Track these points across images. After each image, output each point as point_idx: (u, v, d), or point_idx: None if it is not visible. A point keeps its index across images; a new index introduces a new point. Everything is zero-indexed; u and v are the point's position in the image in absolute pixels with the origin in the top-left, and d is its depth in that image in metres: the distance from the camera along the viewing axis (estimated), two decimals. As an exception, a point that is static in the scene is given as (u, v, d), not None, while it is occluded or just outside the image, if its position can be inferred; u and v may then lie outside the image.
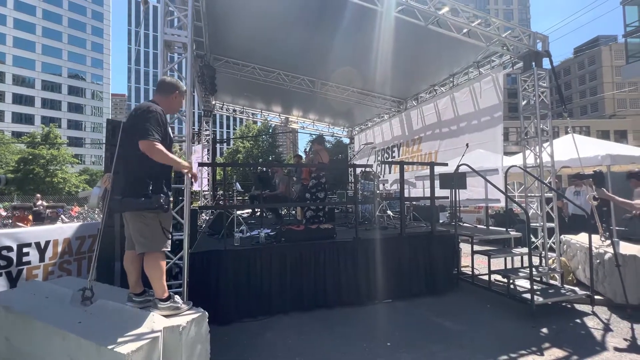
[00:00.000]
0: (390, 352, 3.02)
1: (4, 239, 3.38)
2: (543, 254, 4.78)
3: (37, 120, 48.40)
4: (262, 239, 4.23)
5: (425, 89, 8.05)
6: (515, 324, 3.61)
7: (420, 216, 6.42)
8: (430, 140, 7.68)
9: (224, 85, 7.66)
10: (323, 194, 5.50)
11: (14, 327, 2.27)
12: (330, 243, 4.27)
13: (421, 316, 3.86)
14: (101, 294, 2.47)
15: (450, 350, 3.05)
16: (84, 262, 4.19)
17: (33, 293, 2.60)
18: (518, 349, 3.04)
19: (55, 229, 4.26)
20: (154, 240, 2.24)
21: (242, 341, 3.21)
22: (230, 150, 41.75)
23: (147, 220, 2.23)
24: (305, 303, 3.98)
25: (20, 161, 31.79)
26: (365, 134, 11.14)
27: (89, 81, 56.35)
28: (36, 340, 2.12)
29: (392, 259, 4.40)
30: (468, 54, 6.20)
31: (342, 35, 5.60)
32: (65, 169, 35.07)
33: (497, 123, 5.87)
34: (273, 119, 11.26)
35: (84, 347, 1.87)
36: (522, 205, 4.39)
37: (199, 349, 2.19)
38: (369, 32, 5.30)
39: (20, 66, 48.82)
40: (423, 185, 6.88)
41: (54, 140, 34.90)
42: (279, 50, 6.53)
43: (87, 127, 55.59)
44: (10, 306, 2.33)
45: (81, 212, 17.56)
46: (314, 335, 3.36)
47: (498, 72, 5.85)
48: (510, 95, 38.85)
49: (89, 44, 56.80)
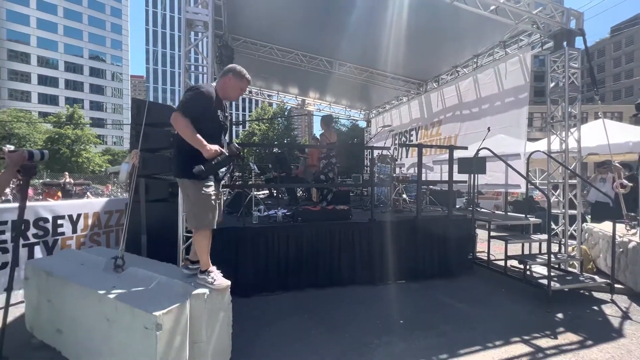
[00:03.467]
0: (402, 328, 3.10)
1: (41, 211, 3.62)
2: (563, 242, 4.69)
3: (61, 101, 50.01)
4: (280, 218, 4.34)
5: (446, 71, 7.78)
6: (529, 308, 3.61)
7: (436, 201, 6.38)
8: (451, 123, 7.48)
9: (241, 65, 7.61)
10: (332, 174, 5.53)
11: (55, 290, 2.47)
12: (346, 224, 4.34)
13: (434, 297, 3.92)
14: (131, 262, 2.64)
15: (462, 330, 3.10)
16: (111, 235, 4.45)
17: (69, 260, 2.80)
18: (531, 332, 3.06)
19: (85, 204, 4.52)
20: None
21: (260, 313, 3.37)
22: (246, 133, 42.06)
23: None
24: (320, 281, 4.10)
25: (48, 140, 33.17)
26: (383, 117, 10.96)
27: (109, 62, 57.33)
28: (75, 302, 2.31)
29: (406, 241, 4.44)
30: (494, 33, 5.91)
31: (361, 14, 5.44)
32: (89, 149, 36.41)
33: (522, 104, 5.63)
34: (289, 101, 11.21)
35: (119, 309, 2.02)
36: (543, 190, 4.29)
37: (222, 316, 2.32)
38: (390, 10, 5.13)
39: (44, 47, 50.05)
40: (441, 170, 6.78)
41: (78, 120, 36.11)
42: (297, 30, 6.43)
43: (108, 108, 57.05)
44: (51, 271, 2.53)
45: (113, 190, 18.55)
46: (329, 310, 3.48)
47: (526, 52, 5.57)
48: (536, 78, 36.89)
49: (108, 24, 57.38)
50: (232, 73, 2.39)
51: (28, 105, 45.18)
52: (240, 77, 2.40)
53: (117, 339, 2.04)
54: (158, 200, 3.88)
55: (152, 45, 78.15)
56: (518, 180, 5.49)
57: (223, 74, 2.42)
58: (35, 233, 3.60)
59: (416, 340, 2.88)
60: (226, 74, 2.40)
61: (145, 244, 3.63)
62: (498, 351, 2.74)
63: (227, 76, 2.40)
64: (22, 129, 32.47)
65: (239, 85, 2.42)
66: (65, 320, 2.39)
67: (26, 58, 48.59)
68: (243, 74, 2.41)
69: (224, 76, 2.40)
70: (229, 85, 2.40)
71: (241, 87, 2.44)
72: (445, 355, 2.67)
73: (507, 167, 5.07)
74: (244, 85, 2.45)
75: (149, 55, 78.54)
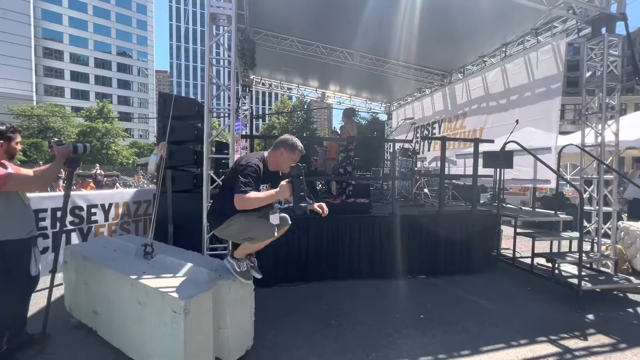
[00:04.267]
0: (422, 323, 3.08)
1: (77, 200, 3.84)
2: (595, 240, 4.46)
3: (91, 96, 52.38)
4: (300, 210, 4.38)
5: (472, 61, 7.49)
6: (556, 308, 3.48)
7: (459, 195, 6.21)
8: (476, 115, 7.23)
9: (262, 59, 7.69)
10: (351, 167, 5.51)
11: (91, 274, 2.63)
12: (366, 217, 4.32)
13: (456, 293, 3.85)
14: (159, 250, 2.76)
15: (484, 327, 3.04)
16: (140, 224, 4.66)
17: (103, 246, 2.96)
18: (558, 332, 2.95)
19: (116, 194, 4.74)
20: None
21: (281, 302, 3.44)
22: (266, 126, 42.50)
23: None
24: (339, 273, 4.13)
25: (80, 134, 34.94)
26: (404, 110, 10.74)
27: (135, 58, 59.31)
28: (109, 285, 2.45)
29: (428, 236, 4.37)
30: (525, 20, 5.61)
31: (383, 3, 5.31)
32: (117, 142, 38.06)
33: (554, 95, 5.33)
34: (310, 94, 11.19)
35: (149, 293, 2.13)
36: (576, 186, 4.08)
37: (245, 304, 2.40)
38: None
39: (75, 45, 52.42)
40: (464, 164, 6.60)
41: (107, 114, 37.77)
42: (317, 21, 6.37)
43: (134, 103, 59.24)
44: (87, 256, 2.69)
45: (143, 181, 19.57)
46: (348, 303, 3.50)
47: (560, 40, 5.25)
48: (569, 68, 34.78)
49: (134, 21, 59.20)
50: (283, 147, 2.33)
51: (62, 100, 47.63)
52: (292, 150, 2.34)
53: (147, 321, 2.15)
54: (184, 191, 4.01)
55: (176, 41, 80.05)
56: (547, 175, 5.25)
57: (275, 147, 2.37)
58: (72, 220, 3.83)
59: (437, 335, 2.85)
60: (278, 148, 2.35)
61: (171, 233, 3.78)
62: (523, 350, 2.67)
63: (278, 150, 2.34)
64: (57, 123, 34.39)
65: (292, 157, 2.34)
66: (101, 301, 2.54)
67: (60, 55, 51.14)
68: (295, 146, 2.35)
69: (276, 150, 2.35)
70: (282, 160, 2.35)
71: (293, 159, 2.36)
72: (467, 351, 2.63)
73: (535, 161, 4.86)
74: (296, 157, 2.37)
75: (173, 50, 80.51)
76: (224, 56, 3.77)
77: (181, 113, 3.88)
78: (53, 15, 50.11)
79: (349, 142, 5.52)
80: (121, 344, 2.40)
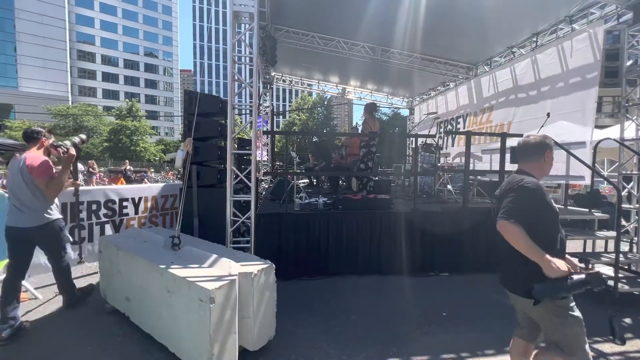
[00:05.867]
0: (445, 321, 3.03)
1: (110, 193, 4.06)
2: (635, 240, 4.19)
3: (121, 95, 54.87)
4: (321, 205, 4.41)
5: (500, 52, 7.18)
6: (590, 310, 3.26)
7: (484, 192, 6.01)
8: (503, 108, 6.92)
9: (283, 56, 7.74)
10: (372, 163, 5.45)
11: (124, 263, 2.78)
12: (387, 213, 4.28)
13: (480, 292, 3.74)
14: (186, 242, 2.87)
15: (510, 326, 2.89)
16: (167, 217, 4.85)
17: (134, 237, 3.12)
18: (592, 335, 2.80)
19: (145, 188, 4.96)
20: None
21: (302, 295, 3.49)
22: (287, 123, 42.83)
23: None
24: (359, 268, 4.13)
25: (111, 132, 36.75)
26: (427, 104, 10.48)
27: (160, 58, 61.43)
28: (141, 274, 2.58)
29: (451, 233, 4.27)
30: (559, 7, 5.30)
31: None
32: (145, 139, 39.69)
33: (590, 85, 4.99)
34: (330, 90, 11.16)
35: (177, 281, 2.23)
36: (613, 182, 3.83)
37: (267, 295, 2.45)
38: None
39: (106, 47, 55.01)
40: (490, 160, 6.36)
41: (136, 113, 39.45)
42: (338, 16, 6.32)
43: (160, 101, 61.47)
44: (120, 246, 2.85)
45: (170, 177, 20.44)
46: (368, 297, 3.50)
47: (597, 27, 4.91)
48: (607, 58, 32.45)
49: (160, 22, 61.23)
50: (549, 149, 1.85)
51: (94, 100, 50.22)
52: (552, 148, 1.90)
53: (176, 308, 2.25)
54: (208, 186, 4.13)
55: (199, 40, 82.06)
56: (581, 171, 4.96)
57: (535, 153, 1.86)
58: (105, 213, 4.05)
59: (460, 334, 2.80)
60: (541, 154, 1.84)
61: (197, 226, 3.92)
62: (552, 352, 2.56)
63: (545, 154, 1.85)
64: (90, 122, 36.35)
65: (552, 156, 1.89)
66: (133, 289, 2.69)
67: (92, 57, 53.86)
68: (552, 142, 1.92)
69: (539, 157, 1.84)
70: (548, 164, 1.87)
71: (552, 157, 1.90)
72: (491, 350, 2.56)
73: (568, 156, 4.60)
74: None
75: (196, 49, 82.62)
76: (246, 53, 3.83)
77: (206, 110, 3.99)
78: (86, 19, 52.81)
79: (370, 137, 5.47)
80: (151, 330, 2.53)
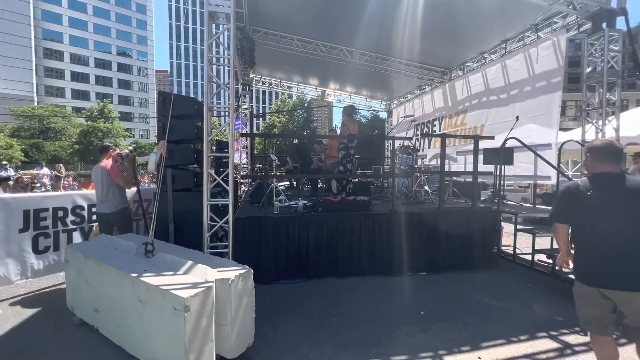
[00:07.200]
0: (424, 320, 3.09)
1: (78, 199, 3.85)
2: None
3: (92, 96, 52.36)
4: (300, 208, 4.39)
5: (472, 57, 7.47)
6: (557, 304, 3.47)
7: (460, 193, 6.21)
8: (477, 110, 7.20)
9: (262, 57, 7.67)
10: (351, 165, 5.49)
11: (92, 272, 2.64)
12: (366, 215, 4.32)
13: (457, 290, 3.85)
14: (160, 248, 2.77)
15: (486, 323, 3.05)
16: (141, 223, 4.66)
17: (104, 245, 2.98)
18: (559, 327, 2.96)
19: (117, 193, 4.73)
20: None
21: (282, 299, 3.46)
22: (267, 125, 42.48)
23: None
24: (340, 270, 4.14)
25: (82, 134, 34.99)
26: (405, 107, 10.72)
27: (135, 58, 59.25)
28: (110, 284, 2.46)
29: (428, 233, 4.37)
30: (525, 16, 5.60)
31: (384, 1, 5.31)
32: (118, 142, 38.10)
33: (554, 89, 5.29)
34: (310, 92, 11.18)
35: (150, 291, 2.14)
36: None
37: (246, 300, 2.41)
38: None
39: (75, 45, 52.43)
40: (465, 161, 6.59)
41: (108, 114, 37.81)
42: (317, 19, 6.36)
43: (135, 102, 59.26)
44: (88, 254, 2.71)
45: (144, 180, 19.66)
46: (349, 299, 3.51)
47: (560, 35, 5.22)
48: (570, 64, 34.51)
49: (134, 21, 59.10)
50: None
51: (62, 100, 47.64)
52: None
53: (149, 318, 2.16)
54: (184, 190, 4.01)
55: (176, 40, 79.93)
56: (548, 171, 5.24)
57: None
58: (73, 220, 3.85)
59: (438, 332, 2.86)
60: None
61: (172, 232, 3.79)
62: (523, 345, 2.68)
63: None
64: (58, 123, 34.45)
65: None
66: (102, 300, 2.56)
67: (60, 56, 51.13)
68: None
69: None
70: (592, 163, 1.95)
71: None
72: (467, 347, 2.63)
73: (536, 157, 4.84)
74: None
75: (173, 49, 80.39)
76: (224, 55, 3.77)
77: (181, 112, 3.88)
78: (53, 15, 50.07)
79: (349, 139, 5.52)
80: (122, 342, 2.42)
